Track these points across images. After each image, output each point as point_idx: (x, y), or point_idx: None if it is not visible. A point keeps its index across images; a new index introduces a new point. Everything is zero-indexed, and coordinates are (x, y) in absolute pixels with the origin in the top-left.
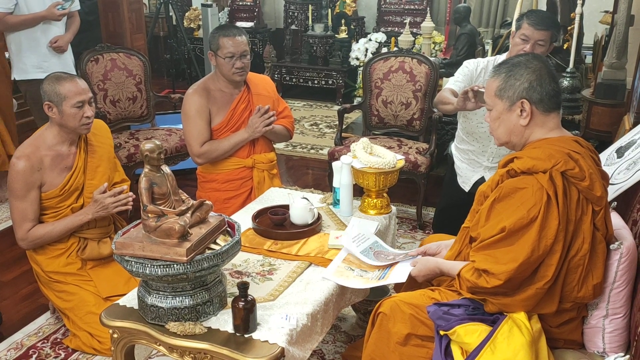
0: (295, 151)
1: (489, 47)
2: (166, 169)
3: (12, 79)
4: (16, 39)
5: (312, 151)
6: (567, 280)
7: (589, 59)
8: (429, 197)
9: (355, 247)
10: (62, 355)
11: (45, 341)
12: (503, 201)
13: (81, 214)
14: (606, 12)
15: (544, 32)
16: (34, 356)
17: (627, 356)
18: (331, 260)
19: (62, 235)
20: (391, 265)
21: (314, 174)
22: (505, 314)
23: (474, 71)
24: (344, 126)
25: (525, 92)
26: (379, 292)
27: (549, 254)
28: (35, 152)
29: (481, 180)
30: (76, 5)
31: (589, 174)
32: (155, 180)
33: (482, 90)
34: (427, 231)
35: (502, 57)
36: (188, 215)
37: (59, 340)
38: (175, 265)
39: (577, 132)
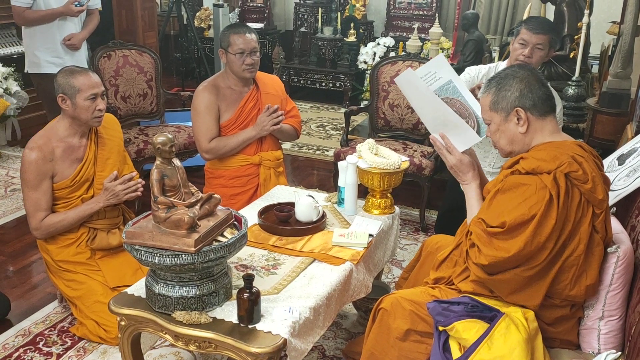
0: (301, 152)
1: (496, 54)
2: (177, 162)
3: (25, 72)
4: (32, 34)
5: (317, 152)
6: (560, 278)
7: (596, 69)
8: (432, 200)
9: (425, 84)
10: (69, 343)
11: (53, 329)
12: (505, 194)
13: (93, 202)
14: (614, 22)
15: (542, 35)
16: (41, 343)
17: (619, 353)
18: (335, 257)
19: (74, 223)
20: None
21: (319, 175)
22: (501, 311)
23: (475, 77)
24: (350, 128)
25: (518, 100)
26: (380, 291)
27: (539, 250)
28: (47, 143)
29: None
30: (96, 3)
31: (592, 177)
32: (167, 172)
33: None
34: (429, 233)
35: (503, 64)
36: (197, 207)
37: (65, 328)
38: (183, 256)
39: (581, 140)
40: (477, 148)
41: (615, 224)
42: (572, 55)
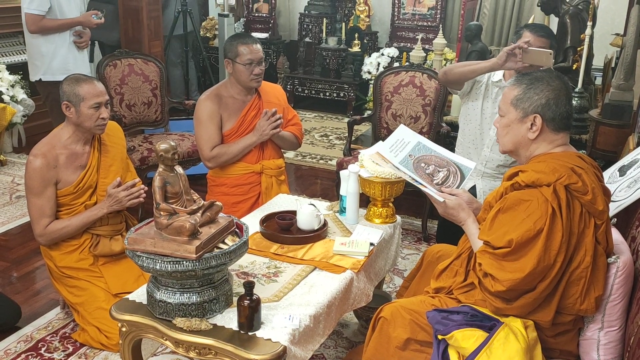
0: (304, 161)
1: None
2: (179, 169)
3: (37, 79)
4: (36, 42)
5: (321, 161)
6: (570, 292)
7: (599, 81)
8: (434, 210)
9: (394, 157)
10: (70, 349)
11: (55, 335)
12: (507, 213)
13: (96, 208)
14: (617, 34)
15: (544, 39)
16: (43, 349)
17: None
18: (336, 265)
19: (78, 230)
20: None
21: (322, 184)
22: (500, 320)
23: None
24: (353, 138)
25: (541, 108)
26: (381, 300)
27: (552, 265)
28: (51, 150)
29: (473, 188)
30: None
31: (592, 189)
32: (169, 179)
33: (532, 48)
34: (431, 243)
35: (499, 73)
36: (199, 214)
37: (67, 334)
38: (184, 262)
39: (583, 151)
40: (471, 145)
41: (615, 235)
42: (575, 67)
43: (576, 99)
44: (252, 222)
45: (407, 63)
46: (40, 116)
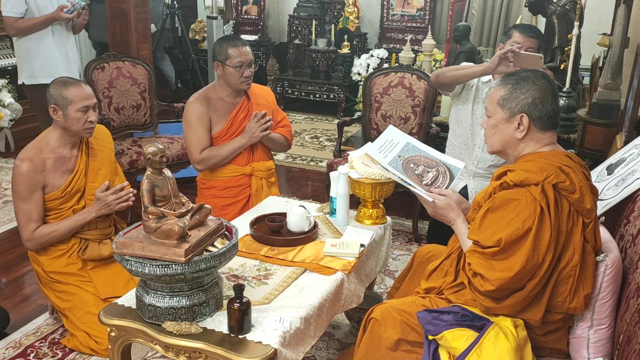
0: (295, 163)
1: None
2: (167, 172)
3: (20, 83)
4: (25, 45)
5: (311, 163)
6: (559, 291)
7: (587, 80)
8: (424, 211)
9: (383, 158)
10: (60, 355)
11: (43, 341)
12: (496, 212)
13: (84, 212)
14: (604, 34)
15: (534, 39)
16: (32, 355)
17: None
18: (327, 267)
19: (66, 234)
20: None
21: (313, 186)
22: (490, 320)
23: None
24: (343, 139)
25: (527, 107)
26: (372, 301)
27: (540, 264)
28: (38, 154)
29: (465, 188)
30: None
31: (579, 187)
32: (157, 182)
33: (523, 52)
34: (422, 244)
35: (488, 76)
36: (187, 217)
37: (56, 340)
38: (173, 266)
39: (572, 150)
40: (462, 146)
41: (604, 233)
42: (562, 66)
43: (564, 98)
44: (242, 224)
45: (396, 64)
46: (28, 120)
